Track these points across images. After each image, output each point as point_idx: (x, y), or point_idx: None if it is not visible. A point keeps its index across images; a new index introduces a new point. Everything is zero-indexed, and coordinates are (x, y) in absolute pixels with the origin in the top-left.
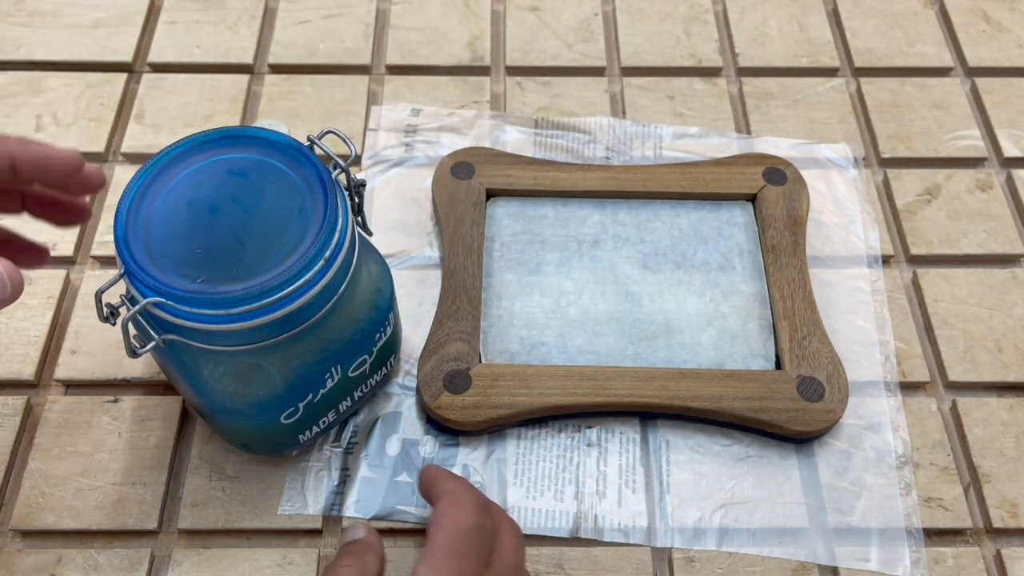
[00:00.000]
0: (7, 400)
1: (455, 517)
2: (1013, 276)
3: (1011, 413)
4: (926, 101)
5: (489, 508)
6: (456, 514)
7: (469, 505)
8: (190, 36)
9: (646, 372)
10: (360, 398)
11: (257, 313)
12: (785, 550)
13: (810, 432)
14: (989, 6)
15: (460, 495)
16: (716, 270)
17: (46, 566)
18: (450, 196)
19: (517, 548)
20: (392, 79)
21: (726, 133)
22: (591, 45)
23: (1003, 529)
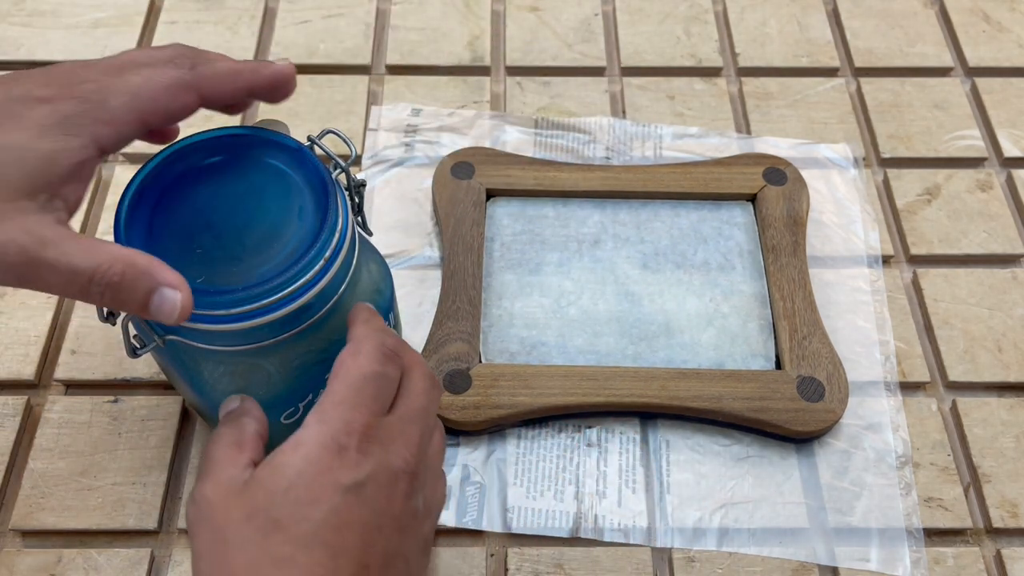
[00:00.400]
0: (7, 400)
1: (351, 366)
2: (1013, 276)
3: (1011, 413)
4: (926, 101)
5: (396, 354)
6: (353, 363)
7: (368, 354)
8: (190, 36)
9: (646, 372)
10: None
11: (256, 313)
12: (785, 550)
13: (810, 432)
14: (989, 6)
15: (362, 343)
16: (716, 270)
17: (46, 566)
18: (450, 196)
19: (427, 391)
20: (392, 79)
21: (726, 133)
22: (591, 45)
23: (1003, 529)
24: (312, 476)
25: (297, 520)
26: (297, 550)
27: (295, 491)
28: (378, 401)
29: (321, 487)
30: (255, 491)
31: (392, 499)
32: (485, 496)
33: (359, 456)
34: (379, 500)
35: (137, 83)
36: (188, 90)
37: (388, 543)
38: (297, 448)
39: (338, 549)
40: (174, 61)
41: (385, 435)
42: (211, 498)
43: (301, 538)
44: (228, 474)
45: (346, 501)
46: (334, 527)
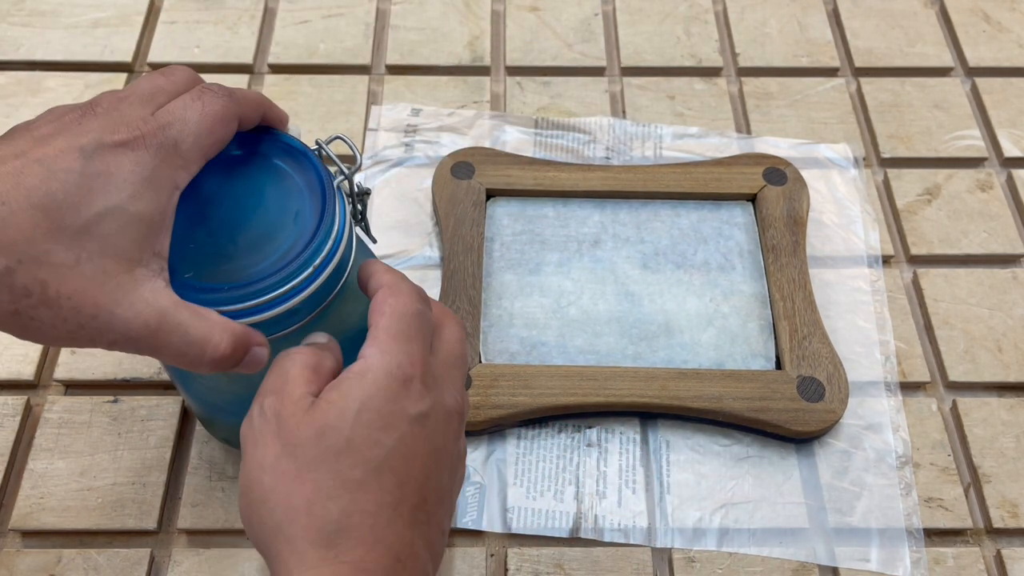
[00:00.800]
0: (7, 400)
1: (396, 304)
2: (1013, 276)
3: (1011, 413)
4: (926, 101)
5: (428, 299)
6: (397, 301)
7: (409, 293)
8: (190, 36)
9: (646, 372)
10: None
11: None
12: (785, 550)
13: (810, 432)
14: (989, 6)
15: (399, 285)
16: (716, 270)
17: (46, 566)
18: (450, 196)
19: (461, 340)
20: (392, 79)
21: (726, 133)
22: (591, 45)
23: (1003, 529)
24: (382, 402)
25: (370, 444)
26: (368, 475)
27: (367, 415)
28: (425, 338)
29: (391, 414)
30: (326, 410)
31: (447, 436)
32: (485, 496)
33: (423, 388)
34: (437, 435)
35: (196, 120)
36: (235, 119)
37: (442, 480)
38: (364, 375)
39: (404, 478)
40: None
41: (437, 374)
42: (281, 413)
43: (372, 462)
44: (300, 392)
45: (412, 431)
46: (402, 455)
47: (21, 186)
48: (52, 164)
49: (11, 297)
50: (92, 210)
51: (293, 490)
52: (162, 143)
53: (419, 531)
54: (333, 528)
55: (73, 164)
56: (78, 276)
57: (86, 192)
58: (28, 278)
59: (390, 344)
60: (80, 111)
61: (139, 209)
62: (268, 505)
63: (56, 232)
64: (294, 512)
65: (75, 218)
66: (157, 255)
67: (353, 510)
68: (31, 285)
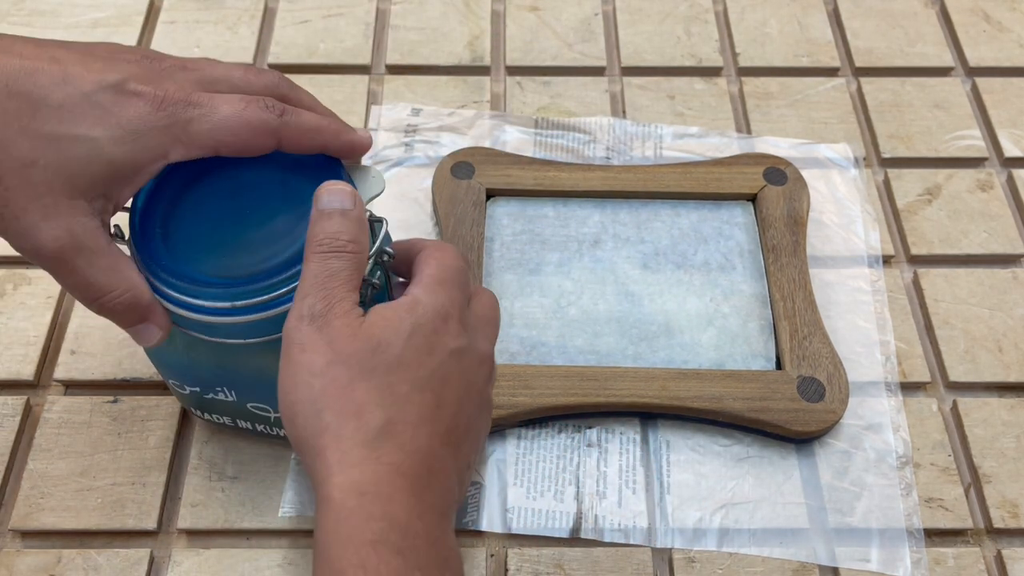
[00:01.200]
0: (7, 400)
1: (442, 256)
2: (1014, 276)
3: (1012, 413)
4: (926, 101)
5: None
6: (443, 255)
7: (453, 250)
8: (189, 36)
9: (646, 372)
10: None
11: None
12: (785, 550)
13: (811, 432)
14: (989, 6)
15: (443, 244)
16: (716, 270)
17: (46, 566)
18: (450, 196)
19: (494, 306)
20: (392, 79)
21: (726, 133)
22: (591, 45)
23: (1004, 529)
24: (428, 331)
25: (417, 364)
26: (413, 390)
27: (415, 338)
28: (464, 290)
29: (435, 343)
30: (383, 327)
31: (478, 376)
32: (485, 497)
33: (460, 328)
34: (470, 372)
35: (224, 114)
36: (271, 135)
37: (471, 415)
38: (413, 307)
39: (441, 400)
40: (265, 101)
41: (473, 323)
42: (335, 323)
43: (418, 380)
44: (349, 302)
45: (451, 361)
46: (441, 379)
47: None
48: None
49: None
50: (72, 130)
51: (346, 395)
52: (176, 114)
53: (452, 452)
54: (377, 433)
55: (86, 86)
56: (23, 176)
57: (78, 113)
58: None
59: (435, 287)
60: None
61: (112, 151)
62: (316, 406)
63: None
64: (344, 416)
65: (55, 127)
66: (106, 198)
67: (398, 419)
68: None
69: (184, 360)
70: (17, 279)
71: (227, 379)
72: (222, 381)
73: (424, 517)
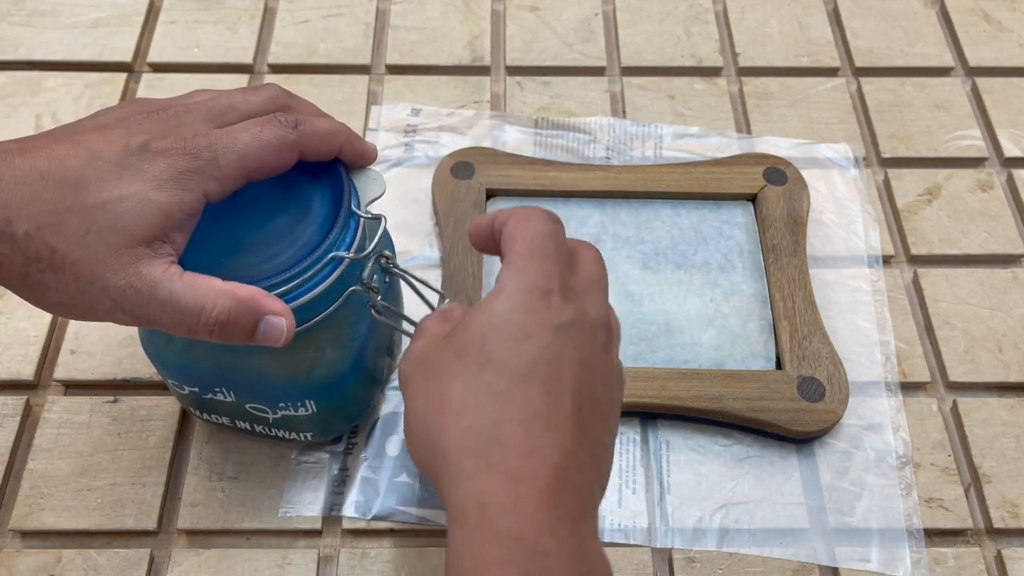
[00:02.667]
0: (7, 400)
1: (528, 228)
2: (1014, 276)
3: (1012, 413)
4: (926, 101)
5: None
6: (527, 225)
7: (539, 216)
8: (190, 36)
9: (646, 372)
10: None
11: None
12: (785, 550)
13: (811, 432)
14: (989, 6)
15: (528, 211)
16: (716, 270)
17: (46, 566)
18: (450, 196)
19: (598, 261)
20: (392, 79)
21: (726, 133)
22: (591, 45)
23: (1004, 529)
24: (522, 315)
25: (512, 355)
26: (513, 384)
27: (507, 328)
28: (561, 256)
29: (533, 325)
30: (464, 331)
31: (595, 346)
32: None
33: (562, 300)
34: (586, 343)
35: (246, 142)
36: (292, 149)
37: (596, 389)
38: (500, 295)
39: (554, 385)
40: (277, 118)
41: (579, 290)
42: (423, 348)
43: (516, 371)
44: (436, 331)
45: (558, 339)
46: (548, 362)
47: (63, 166)
48: (96, 152)
49: (24, 260)
50: (114, 192)
51: (442, 407)
52: (198, 154)
53: (574, 440)
54: (485, 438)
55: (113, 155)
56: (83, 245)
57: (114, 179)
58: (41, 244)
59: (524, 264)
60: (148, 111)
61: (158, 197)
62: (425, 430)
63: (76, 206)
64: (444, 429)
65: (97, 197)
66: (168, 242)
67: (502, 419)
68: (42, 251)
69: (183, 360)
70: None
71: (226, 380)
72: (221, 382)
73: (555, 529)
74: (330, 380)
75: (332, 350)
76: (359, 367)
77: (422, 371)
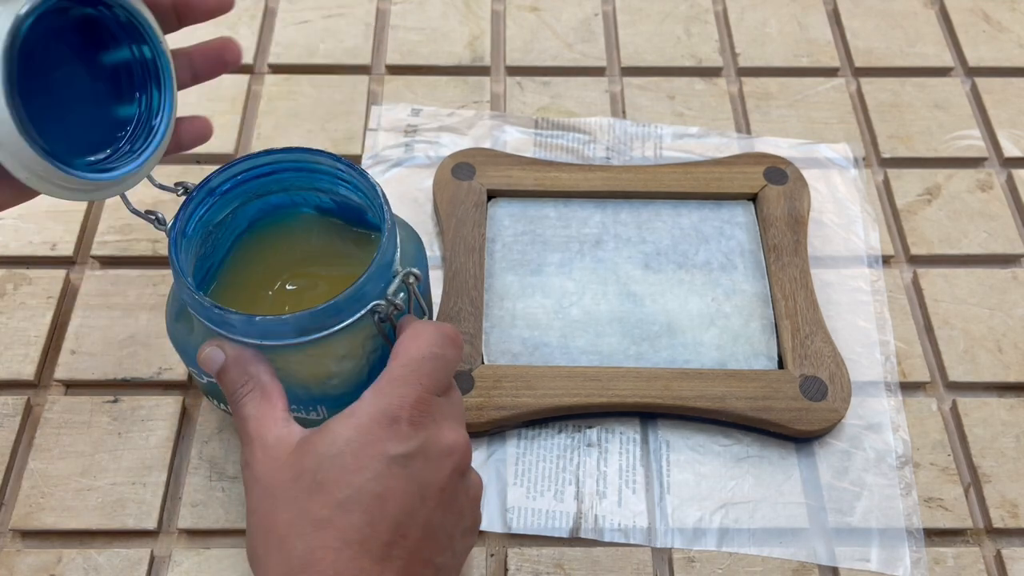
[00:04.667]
0: (7, 400)
1: (410, 346)
2: (1013, 276)
3: (1011, 413)
4: (926, 101)
5: (457, 339)
6: (412, 344)
7: (428, 336)
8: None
9: (649, 372)
10: None
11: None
12: (785, 550)
13: (813, 432)
14: (989, 6)
15: (421, 327)
16: (718, 270)
17: (46, 566)
18: (451, 197)
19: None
20: (392, 79)
21: (726, 133)
22: (591, 45)
23: (1003, 529)
24: (360, 445)
25: (340, 485)
26: (335, 513)
27: (342, 458)
28: (435, 380)
29: (368, 456)
30: (305, 454)
31: (440, 472)
32: (485, 496)
33: (410, 429)
34: (426, 472)
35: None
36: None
37: (431, 515)
38: (349, 418)
39: (376, 516)
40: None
41: (439, 412)
42: (262, 459)
43: (341, 502)
44: (273, 434)
45: (390, 470)
46: (374, 494)
47: None
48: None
49: None
50: None
51: (269, 527)
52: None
53: (392, 566)
54: (299, 564)
55: None
56: None
57: None
58: None
59: (386, 387)
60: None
61: None
62: (252, 543)
63: None
64: (268, 548)
65: None
66: None
67: (317, 546)
68: None
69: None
70: (17, 279)
71: None
72: None
73: None
74: (344, 389)
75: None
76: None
77: (260, 488)
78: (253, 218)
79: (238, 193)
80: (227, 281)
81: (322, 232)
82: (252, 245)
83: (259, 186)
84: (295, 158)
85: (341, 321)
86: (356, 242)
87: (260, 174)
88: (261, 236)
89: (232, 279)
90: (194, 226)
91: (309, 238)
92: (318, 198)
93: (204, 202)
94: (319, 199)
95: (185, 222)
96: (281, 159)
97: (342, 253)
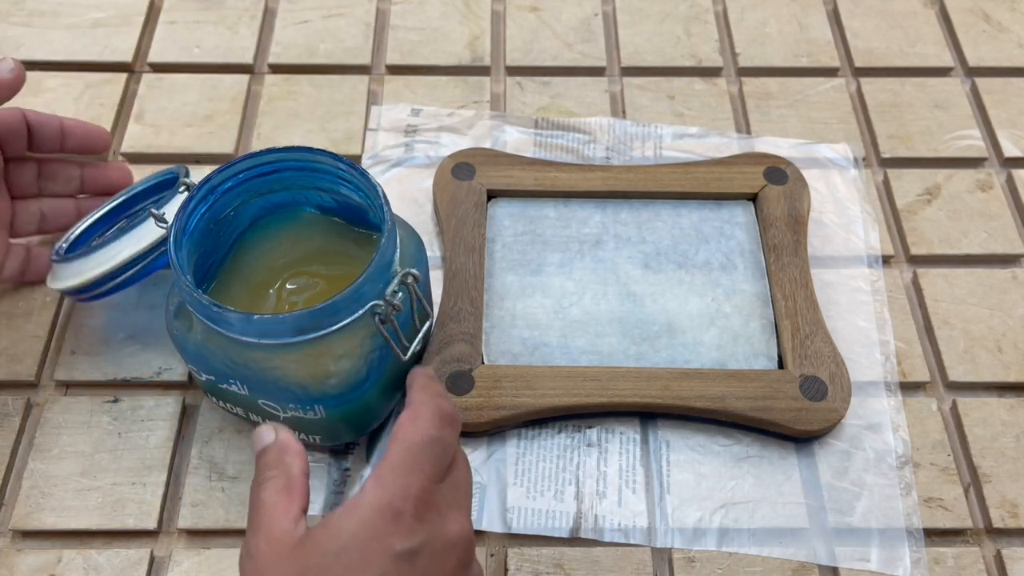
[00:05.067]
0: (7, 400)
1: (410, 430)
2: (1013, 276)
3: (1011, 413)
4: (926, 101)
5: (454, 419)
6: (412, 427)
7: (427, 418)
8: (190, 36)
9: (649, 372)
10: None
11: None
12: (785, 550)
13: (814, 431)
14: (989, 6)
15: (420, 408)
16: (718, 270)
17: (46, 566)
18: (451, 197)
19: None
20: (392, 79)
21: (726, 133)
22: (591, 45)
23: (1003, 529)
24: (365, 540)
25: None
26: None
27: (347, 555)
28: (436, 466)
29: (373, 552)
30: (309, 551)
31: (445, 565)
32: (485, 496)
33: (414, 523)
34: (432, 567)
35: None
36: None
37: None
38: (353, 511)
39: None
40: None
41: (442, 501)
42: (266, 552)
43: None
44: (281, 527)
45: (397, 567)
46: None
47: None
48: None
49: None
50: None
51: None
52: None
53: None
54: None
55: None
56: None
57: None
58: None
59: (388, 476)
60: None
61: None
62: None
63: None
64: None
65: None
66: None
67: None
68: None
69: (201, 349)
70: None
71: (238, 373)
72: (234, 374)
73: None
74: (342, 389)
75: (348, 360)
76: (376, 378)
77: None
78: (255, 216)
79: (240, 191)
80: (228, 279)
81: (323, 232)
82: (254, 243)
83: (261, 184)
84: (296, 157)
85: (339, 321)
86: (357, 242)
87: (262, 173)
88: (263, 235)
89: (233, 277)
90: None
91: (311, 237)
92: (320, 197)
93: (205, 200)
94: (321, 198)
95: (186, 220)
96: (282, 158)
97: (343, 253)
